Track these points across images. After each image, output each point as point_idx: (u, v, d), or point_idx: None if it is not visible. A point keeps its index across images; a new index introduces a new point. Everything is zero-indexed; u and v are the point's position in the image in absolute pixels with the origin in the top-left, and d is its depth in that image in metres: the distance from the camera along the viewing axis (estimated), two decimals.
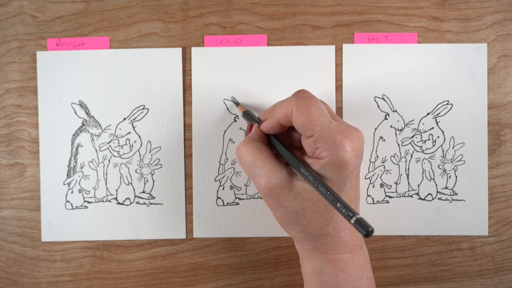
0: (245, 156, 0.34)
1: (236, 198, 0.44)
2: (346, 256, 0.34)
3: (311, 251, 0.35)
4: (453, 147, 0.44)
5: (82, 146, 0.44)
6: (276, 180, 0.32)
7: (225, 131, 0.44)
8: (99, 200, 0.44)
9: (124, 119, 0.44)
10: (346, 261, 0.34)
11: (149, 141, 0.44)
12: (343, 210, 0.27)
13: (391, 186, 0.44)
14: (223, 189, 0.44)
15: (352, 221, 0.26)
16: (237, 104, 0.44)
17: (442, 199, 0.44)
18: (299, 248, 0.36)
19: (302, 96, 0.32)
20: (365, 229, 0.25)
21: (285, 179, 0.32)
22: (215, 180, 0.44)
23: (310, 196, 0.32)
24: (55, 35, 0.44)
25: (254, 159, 0.33)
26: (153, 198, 0.44)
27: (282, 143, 0.35)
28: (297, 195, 0.32)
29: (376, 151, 0.44)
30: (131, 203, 0.44)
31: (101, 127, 0.44)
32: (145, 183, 0.44)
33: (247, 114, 0.41)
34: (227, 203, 0.44)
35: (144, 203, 0.44)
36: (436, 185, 0.44)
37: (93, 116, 0.44)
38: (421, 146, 0.44)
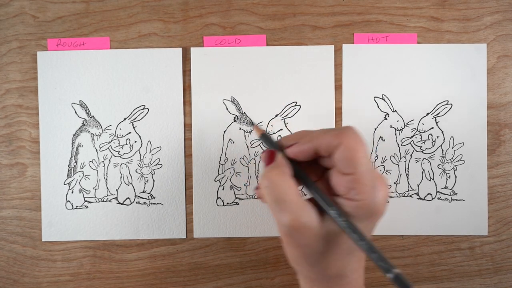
0: (272, 188, 0.30)
1: (236, 198, 0.44)
2: None
3: None
4: (452, 147, 0.44)
5: (82, 146, 0.44)
6: (304, 219, 0.29)
7: (224, 131, 0.44)
8: (100, 200, 0.44)
9: (124, 119, 0.44)
10: None
11: (149, 141, 0.44)
12: (380, 263, 0.26)
13: (391, 186, 0.44)
14: (223, 189, 0.44)
15: (390, 276, 0.25)
16: (252, 123, 0.42)
17: (441, 199, 0.44)
18: (306, 286, 0.34)
19: (354, 131, 0.29)
20: (404, 286, 0.24)
21: (314, 219, 0.29)
22: (215, 180, 0.44)
23: (337, 238, 0.30)
24: (55, 35, 0.44)
25: (283, 193, 0.30)
26: (153, 198, 0.44)
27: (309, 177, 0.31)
28: (324, 237, 0.30)
29: (376, 151, 0.44)
30: (131, 203, 0.44)
31: (101, 127, 0.44)
32: (145, 183, 0.44)
33: (265, 137, 0.35)
34: (227, 203, 0.44)
35: (144, 203, 0.44)
36: (436, 185, 0.44)
37: (93, 116, 0.44)
38: (421, 146, 0.44)
